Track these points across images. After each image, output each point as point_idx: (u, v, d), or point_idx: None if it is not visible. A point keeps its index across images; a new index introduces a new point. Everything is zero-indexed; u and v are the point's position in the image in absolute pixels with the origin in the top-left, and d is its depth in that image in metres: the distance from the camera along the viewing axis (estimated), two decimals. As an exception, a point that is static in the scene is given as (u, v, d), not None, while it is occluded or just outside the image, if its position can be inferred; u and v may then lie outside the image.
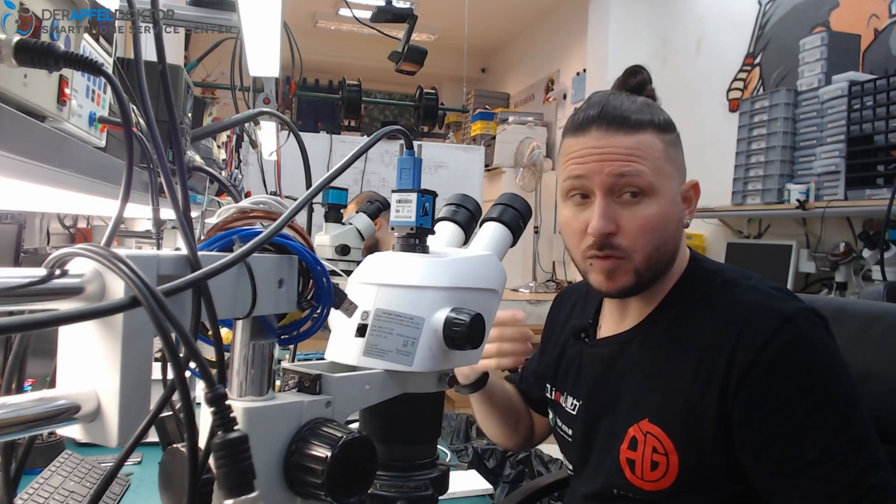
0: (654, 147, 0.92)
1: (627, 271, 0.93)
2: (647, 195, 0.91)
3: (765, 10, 3.58)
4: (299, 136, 0.88)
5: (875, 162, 2.54)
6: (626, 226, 0.92)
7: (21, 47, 0.46)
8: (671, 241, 0.95)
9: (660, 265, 0.95)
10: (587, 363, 1.06)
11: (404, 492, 0.60)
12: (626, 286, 0.94)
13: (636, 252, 0.92)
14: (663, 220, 0.92)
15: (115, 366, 0.38)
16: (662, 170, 0.92)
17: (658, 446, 0.91)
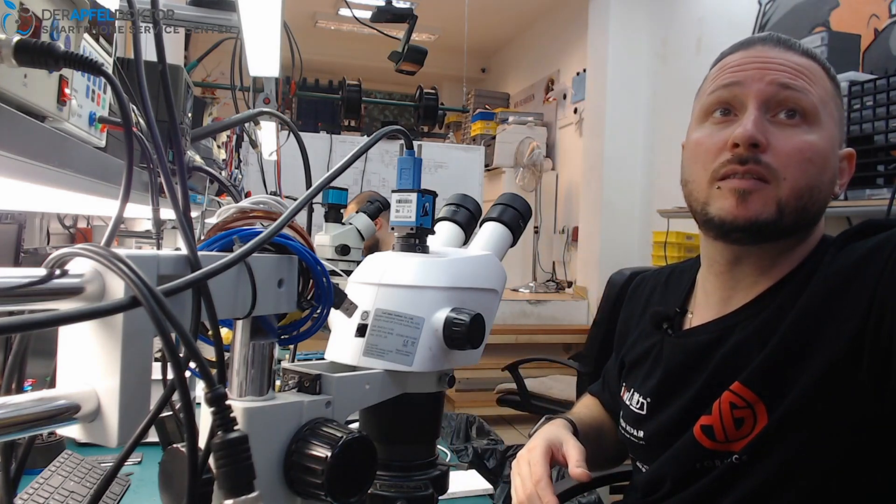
0: (823, 80, 0.81)
1: (768, 199, 0.77)
2: (809, 122, 0.78)
3: (765, 10, 3.58)
4: (299, 136, 0.88)
5: (875, 162, 2.54)
6: (779, 146, 0.77)
7: (21, 47, 0.46)
8: (825, 191, 0.80)
9: (806, 213, 0.79)
10: (668, 356, 0.90)
11: (404, 492, 0.60)
12: (761, 218, 0.78)
13: (785, 180, 0.77)
14: (822, 157, 0.78)
15: (115, 366, 0.38)
16: (828, 105, 0.80)
17: (736, 401, 0.78)
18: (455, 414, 2.44)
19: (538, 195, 5.42)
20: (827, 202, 0.83)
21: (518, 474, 0.90)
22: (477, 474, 1.49)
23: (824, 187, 0.80)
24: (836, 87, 0.84)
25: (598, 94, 4.65)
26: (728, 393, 0.79)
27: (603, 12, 4.61)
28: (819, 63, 0.83)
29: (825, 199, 0.82)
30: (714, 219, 0.81)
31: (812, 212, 0.80)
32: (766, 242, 0.82)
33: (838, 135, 0.82)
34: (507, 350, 3.96)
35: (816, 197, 0.79)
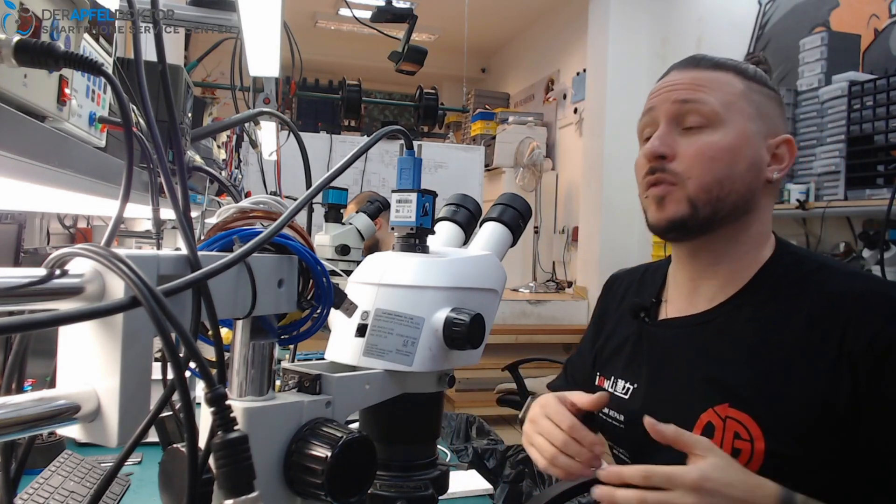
0: (730, 84, 0.91)
1: (679, 199, 0.89)
2: (712, 125, 0.89)
3: (765, 10, 3.58)
4: (299, 136, 0.88)
5: (875, 162, 2.54)
6: (683, 152, 0.89)
7: (21, 47, 0.46)
8: (739, 182, 0.88)
9: (722, 203, 0.88)
10: (649, 344, 0.99)
11: (404, 492, 0.60)
12: (677, 216, 0.89)
13: (690, 179, 0.88)
14: (728, 152, 0.88)
15: (115, 366, 0.38)
16: (735, 105, 0.89)
17: (741, 431, 0.83)
18: (455, 414, 2.44)
19: (538, 195, 5.42)
20: (752, 192, 0.90)
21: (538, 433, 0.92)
22: (477, 474, 1.49)
23: (738, 177, 0.89)
24: (756, 84, 0.92)
25: (598, 94, 4.65)
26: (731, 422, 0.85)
27: (603, 12, 4.62)
28: (729, 69, 0.92)
29: (746, 188, 0.90)
30: (650, 225, 0.94)
31: (730, 200, 0.89)
32: (699, 235, 0.92)
33: (759, 126, 0.90)
34: (507, 350, 3.96)
35: (729, 187, 0.88)
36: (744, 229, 0.92)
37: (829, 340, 0.81)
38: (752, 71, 0.93)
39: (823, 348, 0.81)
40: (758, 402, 0.84)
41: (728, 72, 0.92)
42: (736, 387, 0.86)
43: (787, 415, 0.82)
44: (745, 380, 0.86)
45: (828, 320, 0.82)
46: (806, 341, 0.83)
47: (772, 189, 0.93)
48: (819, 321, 0.83)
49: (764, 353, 0.86)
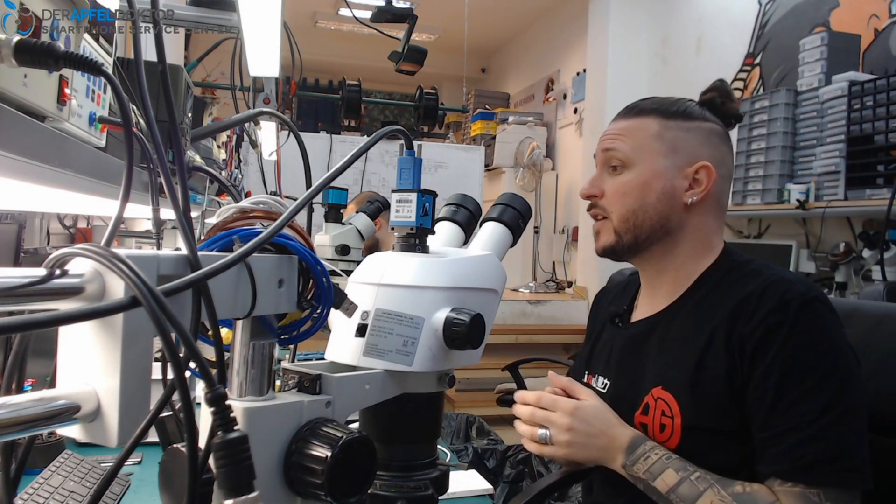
0: (645, 129, 1.07)
1: (608, 231, 1.08)
2: (626, 167, 1.06)
3: (765, 10, 3.58)
4: (299, 136, 0.88)
5: (875, 162, 2.54)
6: (607, 192, 1.08)
7: (21, 47, 0.46)
8: (652, 210, 1.04)
9: (640, 230, 1.05)
10: (618, 344, 1.13)
11: (404, 492, 0.60)
12: (607, 244, 1.08)
13: (613, 213, 1.07)
14: (639, 188, 1.05)
15: (115, 366, 0.38)
16: (646, 147, 1.05)
17: (665, 409, 0.99)
18: (455, 414, 2.44)
19: (538, 195, 5.42)
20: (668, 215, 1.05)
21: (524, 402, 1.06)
22: (477, 474, 1.49)
23: (649, 206, 1.05)
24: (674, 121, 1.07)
25: (598, 94, 4.65)
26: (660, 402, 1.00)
27: (603, 12, 4.62)
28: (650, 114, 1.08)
29: (658, 214, 1.05)
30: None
31: (646, 226, 1.05)
32: (631, 257, 1.10)
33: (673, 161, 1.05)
34: (507, 350, 3.96)
35: (643, 216, 1.05)
36: (674, 245, 1.07)
37: (735, 328, 0.95)
38: (674, 109, 1.07)
39: (730, 335, 0.95)
40: (679, 384, 0.98)
41: (648, 116, 1.07)
42: (666, 372, 1.01)
43: (701, 394, 0.96)
44: (673, 366, 1.00)
45: (738, 312, 0.96)
46: (721, 330, 0.96)
47: (700, 209, 1.06)
48: (733, 313, 0.96)
49: (691, 343, 1.00)
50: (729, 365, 0.94)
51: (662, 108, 1.07)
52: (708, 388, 0.95)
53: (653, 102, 1.10)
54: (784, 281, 0.96)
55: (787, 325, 0.91)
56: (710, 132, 1.07)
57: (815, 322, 0.92)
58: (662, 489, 0.92)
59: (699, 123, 1.07)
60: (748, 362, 0.92)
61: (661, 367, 1.03)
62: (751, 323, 0.93)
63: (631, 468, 0.95)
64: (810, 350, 0.90)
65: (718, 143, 1.08)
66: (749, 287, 0.97)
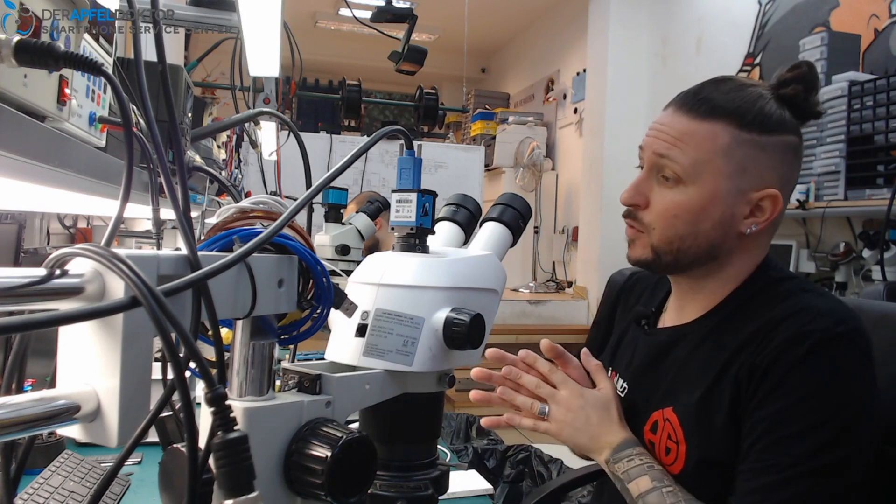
0: (712, 139, 0.90)
1: (645, 245, 0.97)
2: (683, 182, 0.92)
3: (765, 10, 3.58)
4: (299, 136, 0.88)
5: (875, 162, 2.54)
6: (654, 204, 0.95)
7: (21, 47, 0.46)
8: (703, 238, 0.92)
9: (683, 255, 0.94)
10: (641, 351, 1.07)
11: (404, 492, 0.60)
12: (641, 258, 0.98)
13: (654, 231, 0.95)
14: (693, 213, 0.91)
15: (115, 366, 0.38)
16: (710, 163, 0.90)
17: (672, 434, 0.93)
18: (455, 414, 2.44)
19: (538, 195, 5.42)
20: (719, 244, 0.94)
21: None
22: (477, 474, 1.49)
23: (703, 234, 0.92)
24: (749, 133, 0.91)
25: (598, 94, 4.65)
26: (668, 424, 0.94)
27: (603, 12, 4.62)
28: (723, 117, 0.91)
29: (710, 243, 0.93)
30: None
31: (691, 253, 0.94)
32: (672, 274, 1.02)
33: (736, 183, 0.91)
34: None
35: (690, 242, 0.93)
36: (717, 270, 0.97)
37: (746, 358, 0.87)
38: (752, 117, 0.91)
39: (741, 364, 0.87)
40: (686, 410, 0.92)
41: (720, 121, 0.90)
42: (679, 394, 0.94)
43: (706, 423, 0.89)
44: (685, 389, 0.94)
45: (753, 340, 0.88)
46: (734, 358, 0.89)
47: (756, 237, 0.94)
48: (749, 342, 0.88)
49: (705, 367, 0.93)
50: (733, 395, 0.87)
51: (741, 110, 0.90)
52: (713, 418, 0.89)
53: (728, 97, 0.91)
54: (810, 310, 0.86)
55: (796, 358, 0.82)
56: (786, 149, 0.92)
57: (830, 361, 0.82)
58: (634, 492, 0.90)
59: (776, 138, 0.91)
60: (749, 393, 0.85)
61: (674, 387, 0.96)
62: (762, 353, 0.85)
63: (613, 465, 0.93)
64: (815, 390, 0.81)
65: (792, 161, 0.93)
66: (771, 313, 0.88)
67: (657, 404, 0.97)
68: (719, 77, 0.97)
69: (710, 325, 0.97)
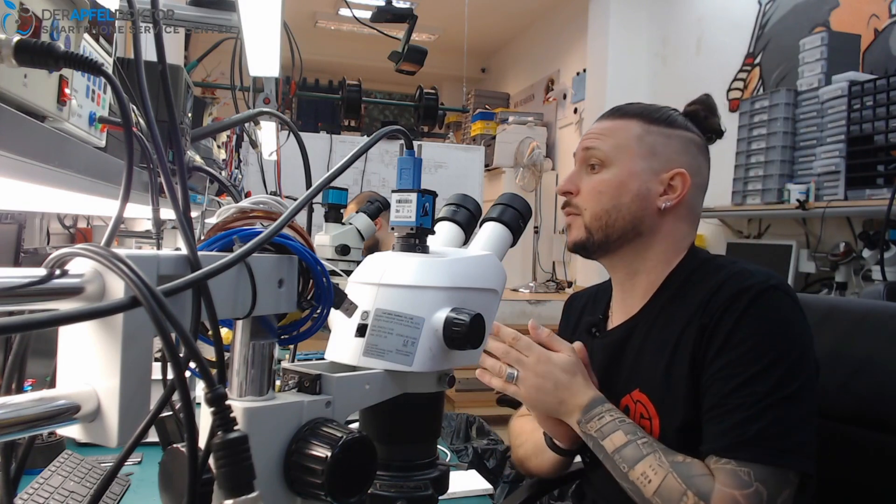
0: (626, 130, 1.08)
1: (579, 226, 1.09)
2: (604, 166, 1.08)
3: (765, 10, 3.58)
4: (299, 136, 0.88)
5: (875, 162, 2.54)
6: (583, 189, 1.09)
7: (21, 47, 0.46)
8: (625, 210, 1.06)
9: (611, 229, 1.06)
10: (597, 354, 1.12)
11: (404, 492, 0.60)
12: (577, 240, 1.09)
13: (586, 210, 1.08)
14: (615, 188, 1.06)
15: (115, 366, 0.38)
16: (626, 148, 1.07)
17: (644, 411, 1.01)
18: (455, 414, 2.44)
19: (538, 195, 5.42)
20: (641, 217, 1.06)
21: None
22: (477, 474, 1.49)
23: (624, 207, 1.06)
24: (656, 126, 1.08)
25: (598, 94, 4.65)
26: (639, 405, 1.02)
27: (603, 12, 4.62)
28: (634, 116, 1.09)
29: (633, 215, 1.06)
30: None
31: (618, 226, 1.06)
32: (602, 255, 1.10)
33: (649, 164, 1.07)
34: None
35: (615, 215, 1.06)
36: (646, 248, 1.08)
37: (698, 321, 0.97)
38: (657, 116, 1.09)
39: (694, 330, 0.97)
40: (653, 385, 1.00)
41: (631, 119, 1.09)
42: (643, 374, 1.03)
43: (673, 392, 0.98)
44: (648, 367, 1.02)
45: (701, 307, 0.98)
46: (687, 328, 0.98)
47: (673, 215, 1.07)
48: (697, 310, 0.99)
49: (663, 343, 1.01)
50: (690, 360, 0.96)
51: (646, 112, 1.09)
52: (678, 384, 0.97)
53: (637, 107, 1.11)
54: (744, 272, 0.98)
55: (740, 310, 0.93)
56: (689, 141, 1.09)
57: (770, 308, 0.94)
58: (609, 448, 0.95)
59: (680, 132, 1.09)
60: (702, 352, 0.95)
61: (637, 370, 1.04)
62: (708, 314, 0.96)
63: (585, 425, 0.98)
64: (762, 334, 0.92)
65: (696, 153, 1.09)
66: (713, 280, 0.99)
67: (622, 391, 1.05)
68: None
69: (656, 308, 1.07)
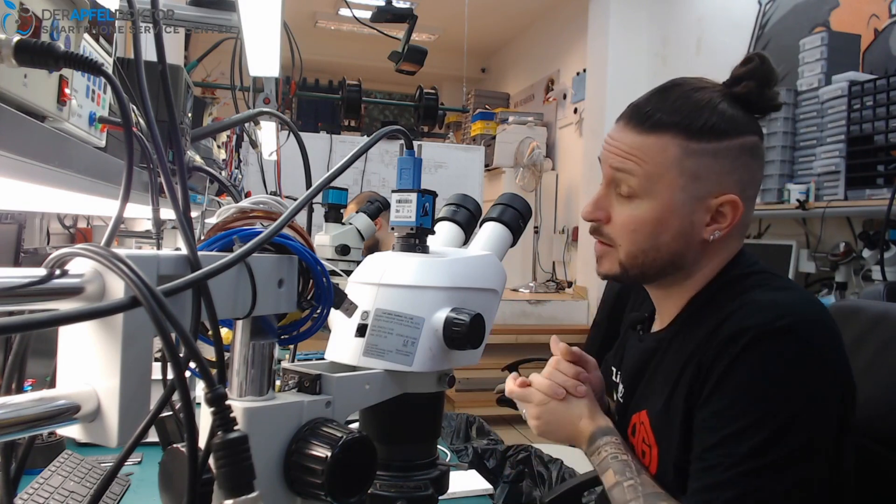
0: (663, 151, 0.89)
1: (612, 260, 0.96)
2: (640, 196, 0.91)
3: (765, 10, 3.58)
4: (299, 136, 0.88)
5: (875, 162, 2.54)
6: (615, 219, 0.95)
7: (21, 47, 0.46)
8: (665, 249, 0.92)
9: (648, 267, 0.94)
10: (633, 356, 1.07)
11: (404, 492, 0.60)
12: (609, 273, 0.98)
13: (620, 246, 0.94)
14: (652, 226, 0.91)
15: (115, 366, 0.38)
16: (664, 177, 0.89)
17: (645, 437, 0.95)
18: (455, 414, 2.44)
19: (538, 195, 5.41)
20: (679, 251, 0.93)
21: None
22: (477, 474, 1.49)
23: (662, 245, 0.92)
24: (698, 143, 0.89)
25: (598, 94, 4.65)
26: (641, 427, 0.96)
27: (603, 12, 4.61)
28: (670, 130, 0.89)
29: (671, 254, 0.93)
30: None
31: (657, 265, 0.94)
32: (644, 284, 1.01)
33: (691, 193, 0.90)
34: (507, 350, 3.95)
35: (654, 255, 0.93)
36: (686, 277, 0.96)
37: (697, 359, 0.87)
38: (699, 125, 0.89)
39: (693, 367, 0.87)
40: (655, 413, 0.93)
41: (667, 133, 0.89)
42: (651, 397, 0.96)
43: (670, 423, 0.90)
44: (654, 392, 0.95)
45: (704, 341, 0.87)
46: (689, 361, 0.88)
47: (721, 242, 0.93)
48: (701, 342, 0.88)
49: (669, 372, 0.93)
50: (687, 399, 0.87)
51: (685, 122, 0.88)
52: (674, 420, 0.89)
53: (672, 111, 0.90)
54: (753, 305, 0.85)
55: (733, 355, 0.82)
56: (740, 151, 0.89)
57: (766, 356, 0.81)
58: (606, 484, 0.94)
59: (728, 142, 0.89)
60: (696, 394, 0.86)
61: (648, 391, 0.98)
62: (707, 353, 0.85)
63: (589, 458, 0.97)
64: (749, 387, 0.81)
65: (749, 161, 0.91)
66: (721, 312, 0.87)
67: (635, 408, 1.00)
68: (668, 84, 0.94)
69: (673, 332, 0.97)
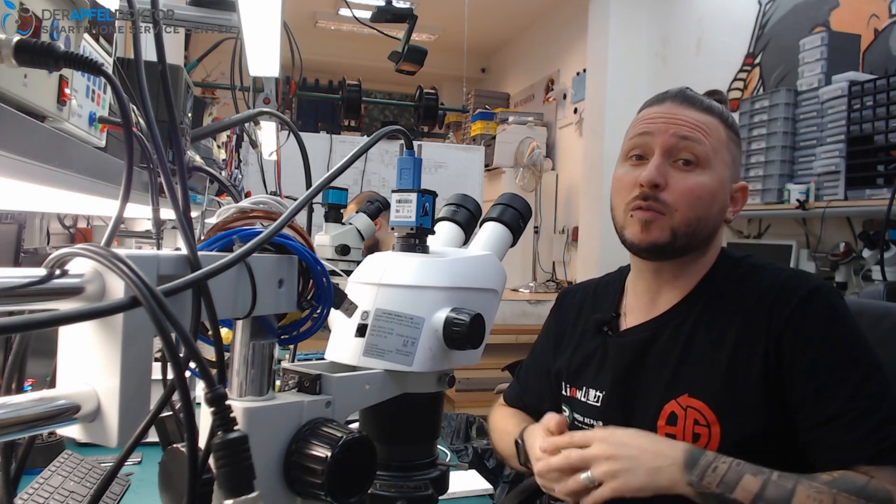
0: (718, 131, 1.00)
1: (664, 227, 0.98)
2: (701, 167, 0.98)
3: (765, 10, 3.58)
4: (299, 136, 0.88)
5: (875, 162, 2.54)
6: (674, 186, 0.98)
7: (21, 47, 0.46)
8: (711, 221, 1.00)
9: (696, 237, 0.99)
10: (614, 353, 1.07)
11: (404, 492, 0.60)
12: (659, 241, 0.98)
13: (677, 211, 0.97)
14: (710, 195, 0.98)
15: (115, 366, 0.38)
16: (720, 153, 1.00)
17: (700, 418, 0.94)
18: (455, 414, 2.44)
19: (538, 195, 5.41)
20: (717, 228, 1.03)
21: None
22: (477, 474, 1.49)
23: (712, 217, 1.01)
24: (733, 134, 1.04)
25: (598, 94, 4.65)
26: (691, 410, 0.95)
27: (603, 12, 4.61)
28: (717, 116, 1.02)
29: (714, 226, 1.02)
30: (627, 241, 1.03)
31: (702, 236, 1.00)
32: (667, 260, 1.03)
33: (730, 174, 1.03)
34: (507, 350, 3.95)
35: (704, 225, 1.00)
36: (702, 255, 1.04)
37: (760, 326, 0.94)
38: (731, 120, 1.04)
39: (757, 334, 0.94)
40: (712, 390, 0.94)
41: (715, 117, 1.01)
42: (692, 379, 0.97)
43: (736, 397, 0.93)
44: (699, 372, 0.97)
45: (758, 310, 0.95)
46: (744, 331, 0.95)
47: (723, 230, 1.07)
48: (752, 312, 0.96)
49: (712, 347, 0.97)
50: (763, 363, 0.92)
51: (724, 115, 1.03)
52: (745, 394, 0.92)
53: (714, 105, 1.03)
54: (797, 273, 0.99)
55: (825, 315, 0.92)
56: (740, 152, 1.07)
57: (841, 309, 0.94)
58: (745, 499, 0.82)
59: (740, 141, 1.06)
60: (788, 357, 0.91)
61: (679, 374, 0.98)
62: (782, 317, 0.93)
63: (700, 484, 0.84)
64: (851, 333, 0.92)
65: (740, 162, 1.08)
66: (764, 283, 0.97)
67: (666, 396, 0.97)
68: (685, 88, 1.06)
69: (696, 309, 1.02)
